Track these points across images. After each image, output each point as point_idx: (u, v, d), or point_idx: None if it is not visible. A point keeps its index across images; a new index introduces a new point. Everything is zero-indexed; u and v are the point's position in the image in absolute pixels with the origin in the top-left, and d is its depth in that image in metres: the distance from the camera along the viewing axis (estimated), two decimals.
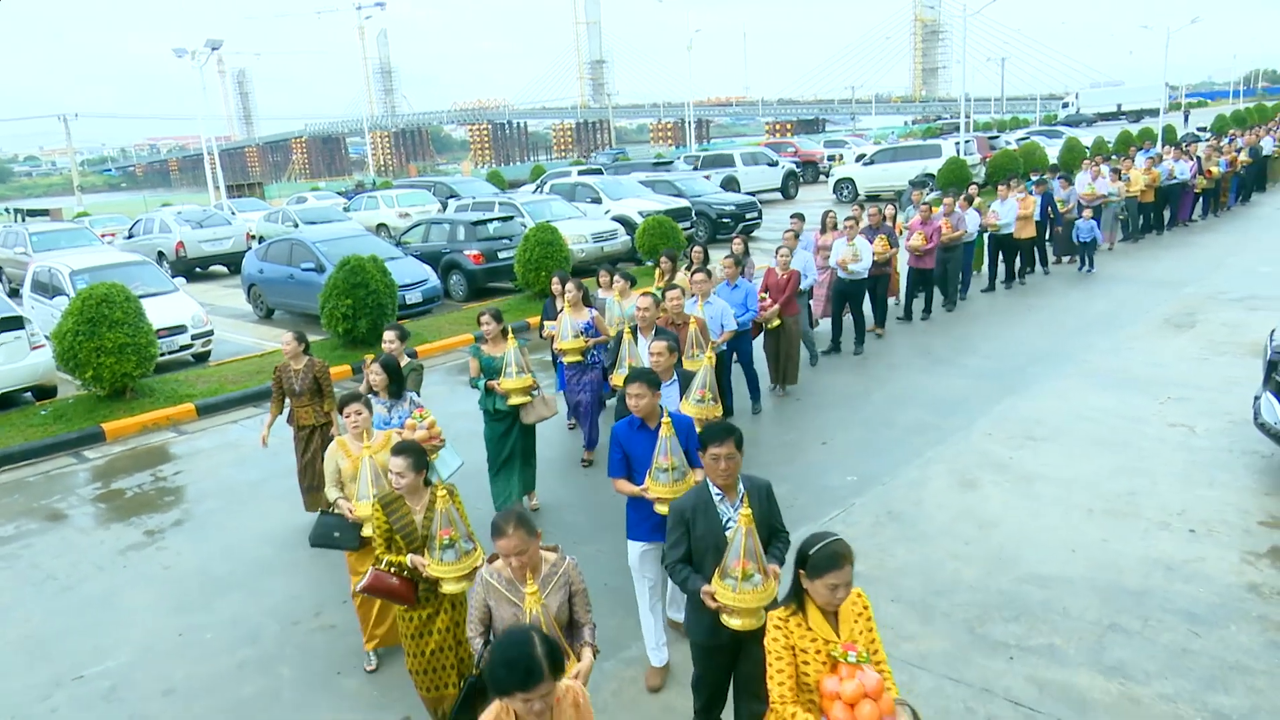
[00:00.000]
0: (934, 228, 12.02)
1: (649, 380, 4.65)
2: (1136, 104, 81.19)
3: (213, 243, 21.15)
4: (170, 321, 11.85)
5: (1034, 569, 5.71)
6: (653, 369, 5.38)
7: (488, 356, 6.72)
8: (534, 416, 6.73)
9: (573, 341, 7.59)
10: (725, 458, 3.68)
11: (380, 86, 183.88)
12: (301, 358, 6.85)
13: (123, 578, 6.56)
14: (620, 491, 4.70)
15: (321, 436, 6.81)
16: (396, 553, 4.21)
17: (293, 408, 6.85)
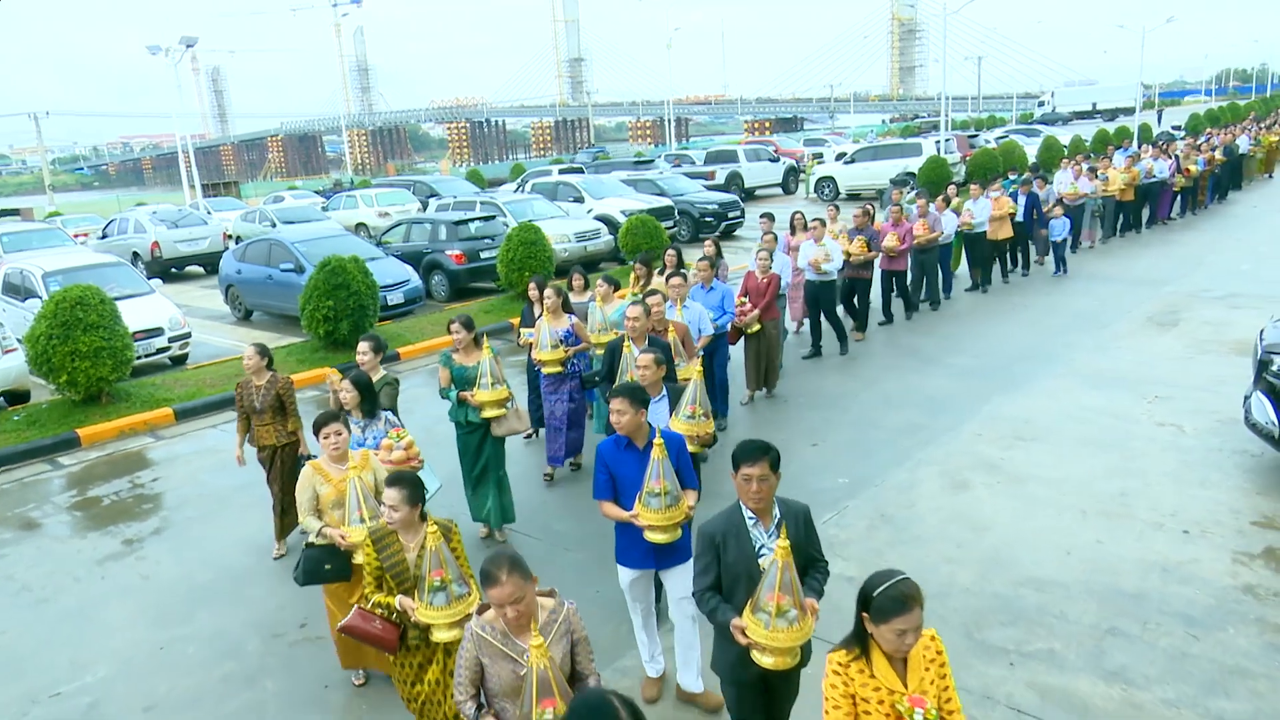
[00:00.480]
0: (906, 229, 11.86)
1: (633, 396, 4.33)
2: (1111, 103, 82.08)
3: (189, 243, 20.83)
4: (147, 324, 11.62)
5: (1029, 572, 5.67)
6: (639, 383, 5.09)
7: (459, 366, 6.38)
8: (505, 430, 6.44)
9: (552, 352, 7.28)
10: (758, 479, 3.37)
11: (357, 84, 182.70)
12: (264, 373, 6.45)
13: (100, 589, 6.39)
14: (607, 516, 4.44)
15: (284, 457, 6.46)
16: (386, 593, 3.89)
17: (254, 425, 6.45)
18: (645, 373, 5.25)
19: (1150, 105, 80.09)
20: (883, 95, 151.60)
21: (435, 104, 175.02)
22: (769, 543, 3.42)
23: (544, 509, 7.22)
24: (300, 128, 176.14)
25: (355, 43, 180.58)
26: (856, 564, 5.82)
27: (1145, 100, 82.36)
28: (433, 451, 8.15)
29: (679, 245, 10.34)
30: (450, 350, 6.50)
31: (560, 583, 5.91)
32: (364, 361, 6.15)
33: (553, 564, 6.25)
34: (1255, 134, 25.58)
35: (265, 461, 6.52)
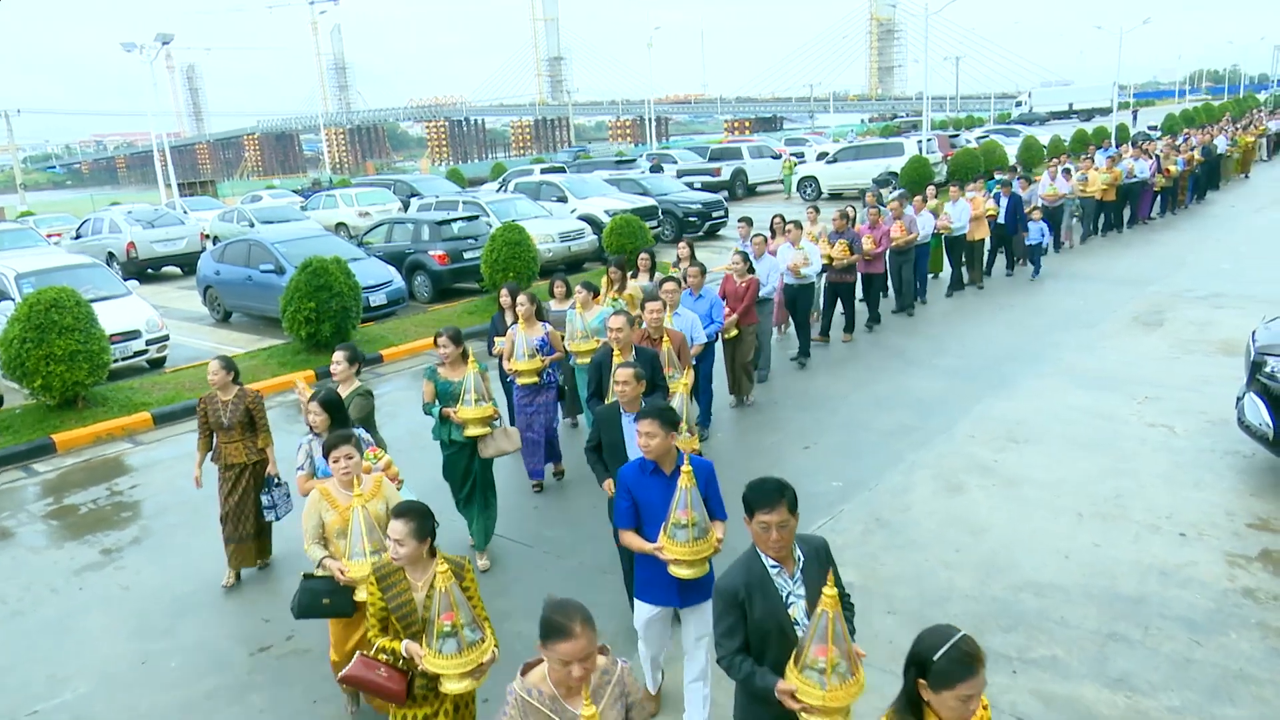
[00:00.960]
0: (882, 231, 11.70)
1: (664, 418, 4.00)
2: (1087, 103, 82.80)
3: (165, 243, 20.51)
4: (123, 327, 11.38)
5: (1028, 576, 5.62)
6: (621, 398, 4.85)
7: (444, 381, 6.06)
8: (493, 450, 6.08)
9: (528, 362, 6.95)
10: (777, 526, 3.05)
11: (334, 83, 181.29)
12: (230, 387, 6.14)
13: (79, 600, 6.21)
14: (628, 546, 4.16)
15: (254, 476, 6.15)
16: (392, 637, 3.54)
17: (219, 443, 6.12)
18: (625, 389, 4.85)
19: (1125, 106, 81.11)
20: (862, 95, 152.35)
21: (414, 103, 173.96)
22: (796, 590, 3.13)
23: (534, 515, 7.10)
24: (277, 126, 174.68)
25: (333, 40, 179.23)
26: (853, 569, 5.74)
27: (1120, 101, 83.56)
28: (417, 456, 8.09)
29: (652, 250, 10.01)
30: (436, 364, 6.21)
31: (556, 591, 5.79)
32: (338, 373, 5.87)
33: (546, 572, 6.14)
34: (1232, 134, 25.81)
35: (230, 480, 6.12)
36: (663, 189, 22.09)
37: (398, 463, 8.24)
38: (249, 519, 6.14)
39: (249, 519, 6.14)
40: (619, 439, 4.84)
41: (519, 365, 6.99)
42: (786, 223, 10.97)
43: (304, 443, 5.10)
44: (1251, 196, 22.49)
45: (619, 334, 5.95)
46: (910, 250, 12.46)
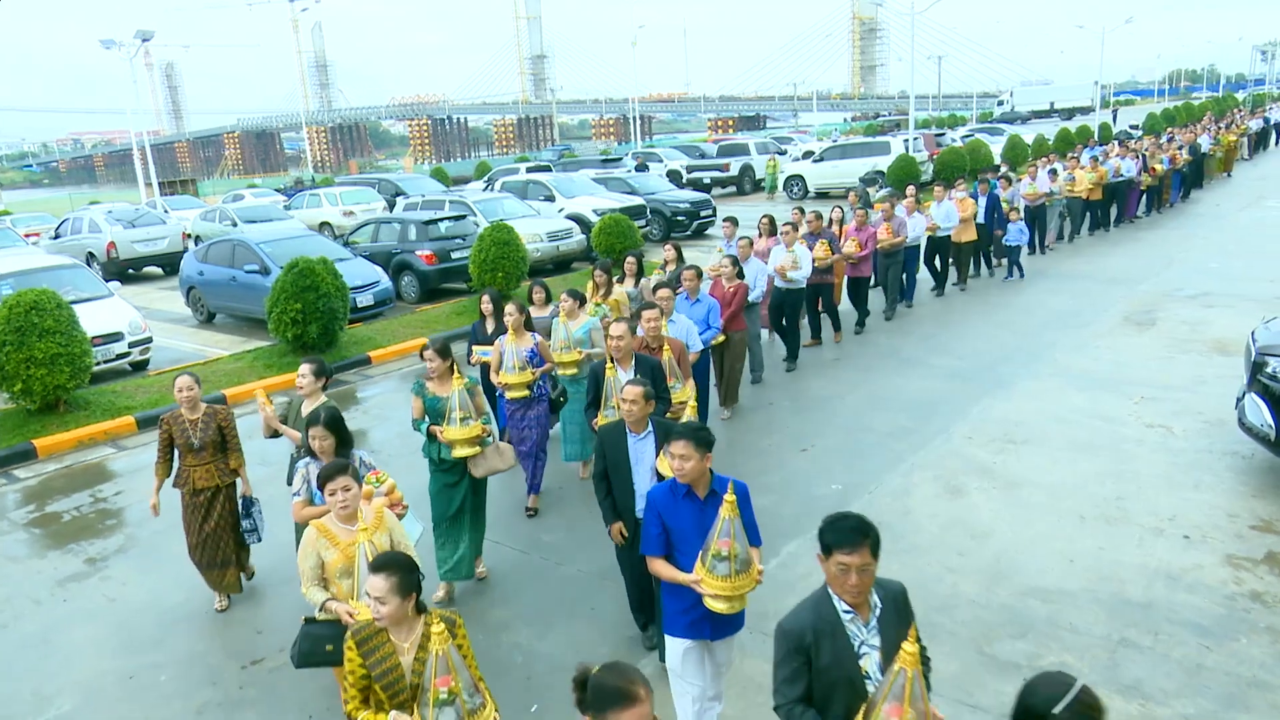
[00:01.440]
0: (869, 234, 11.38)
1: (699, 439, 3.70)
2: (1069, 102, 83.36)
3: (146, 243, 20.20)
4: (105, 329, 11.15)
5: (1033, 581, 5.56)
6: (628, 417, 4.57)
7: (433, 396, 5.68)
8: (485, 469, 5.70)
9: (518, 375, 6.62)
10: (858, 570, 2.80)
11: (315, 81, 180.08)
12: (199, 405, 5.67)
13: (63, 612, 6.03)
14: (659, 575, 3.89)
15: (228, 499, 5.73)
16: (375, 709, 3.14)
17: (185, 466, 5.60)
18: (632, 407, 4.56)
19: (1105, 105, 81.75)
20: (844, 94, 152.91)
21: (396, 101, 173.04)
22: (870, 639, 2.90)
23: (529, 520, 6.97)
24: (257, 124, 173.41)
25: (314, 38, 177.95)
26: None
27: (1101, 100, 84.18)
28: (409, 460, 7.92)
29: (639, 253, 9.69)
30: (423, 378, 5.84)
31: (556, 600, 5.73)
32: (304, 386, 5.44)
33: (544, 580, 6.03)
34: (1216, 133, 25.98)
35: (202, 506, 5.63)
36: (650, 188, 21.98)
37: (388, 468, 8.16)
38: (227, 544, 5.74)
39: (227, 544, 5.74)
40: (624, 459, 4.63)
41: (508, 378, 6.65)
42: (778, 225, 10.74)
43: (302, 466, 4.68)
44: (1235, 195, 22.64)
45: (620, 343, 5.71)
46: (899, 253, 12.25)
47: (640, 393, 4.55)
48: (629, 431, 4.64)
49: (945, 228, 13.09)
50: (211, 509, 5.67)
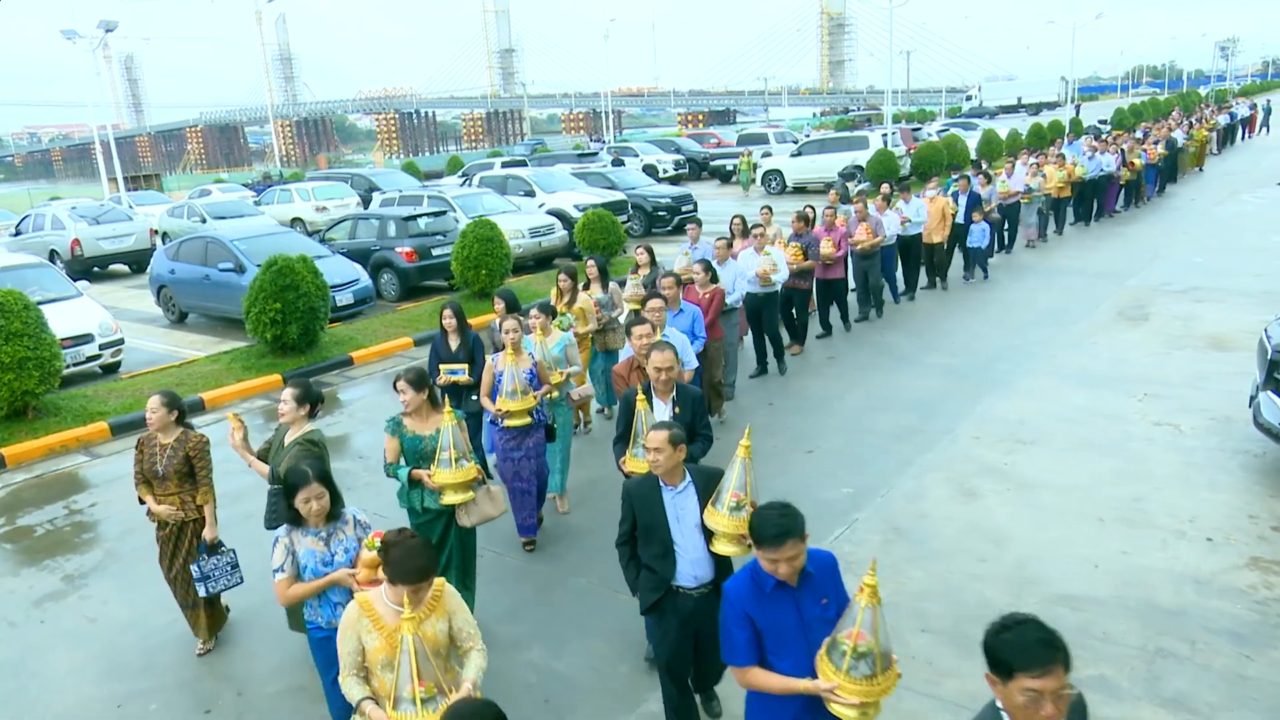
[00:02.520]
0: (840, 234, 10.76)
1: (799, 528, 2.99)
2: (1035, 97, 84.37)
3: (113, 240, 19.58)
4: (75, 330, 10.70)
5: (1060, 588, 5.40)
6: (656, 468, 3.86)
7: (412, 435, 4.94)
8: (477, 517, 4.98)
9: (520, 401, 5.86)
10: (1053, 696, 2.24)
11: (280, 74, 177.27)
12: (172, 429, 5.11)
13: (40, 635, 5.68)
14: (757, 686, 3.10)
15: (195, 537, 5.15)
16: None
17: (155, 495, 5.13)
18: (657, 457, 3.81)
19: (1073, 100, 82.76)
20: (813, 89, 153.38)
21: (363, 94, 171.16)
22: None
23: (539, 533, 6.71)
24: (220, 118, 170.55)
25: (278, 31, 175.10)
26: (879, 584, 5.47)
27: (1068, 95, 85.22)
28: None
29: (601, 259, 8.93)
30: (399, 416, 5.03)
31: (566, 615, 5.47)
32: (285, 414, 4.86)
33: (554, 592, 5.77)
34: (1189, 129, 26.21)
35: (166, 541, 5.16)
36: (630, 183, 21.73)
37: (374, 479, 7.84)
38: (192, 587, 5.19)
39: (192, 587, 5.19)
40: (659, 519, 3.88)
41: (509, 405, 5.86)
42: (749, 226, 10.14)
43: (281, 536, 3.87)
44: (1209, 189, 22.82)
45: (665, 374, 4.83)
46: (876, 254, 11.71)
47: (665, 438, 3.79)
48: (663, 485, 3.90)
49: (915, 223, 12.57)
50: (179, 546, 5.15)
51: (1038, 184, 16.19)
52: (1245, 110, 38.56)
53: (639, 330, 5.69)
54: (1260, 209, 19.28)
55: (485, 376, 6.24)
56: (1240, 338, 10.12)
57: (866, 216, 11.52)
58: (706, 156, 35.55)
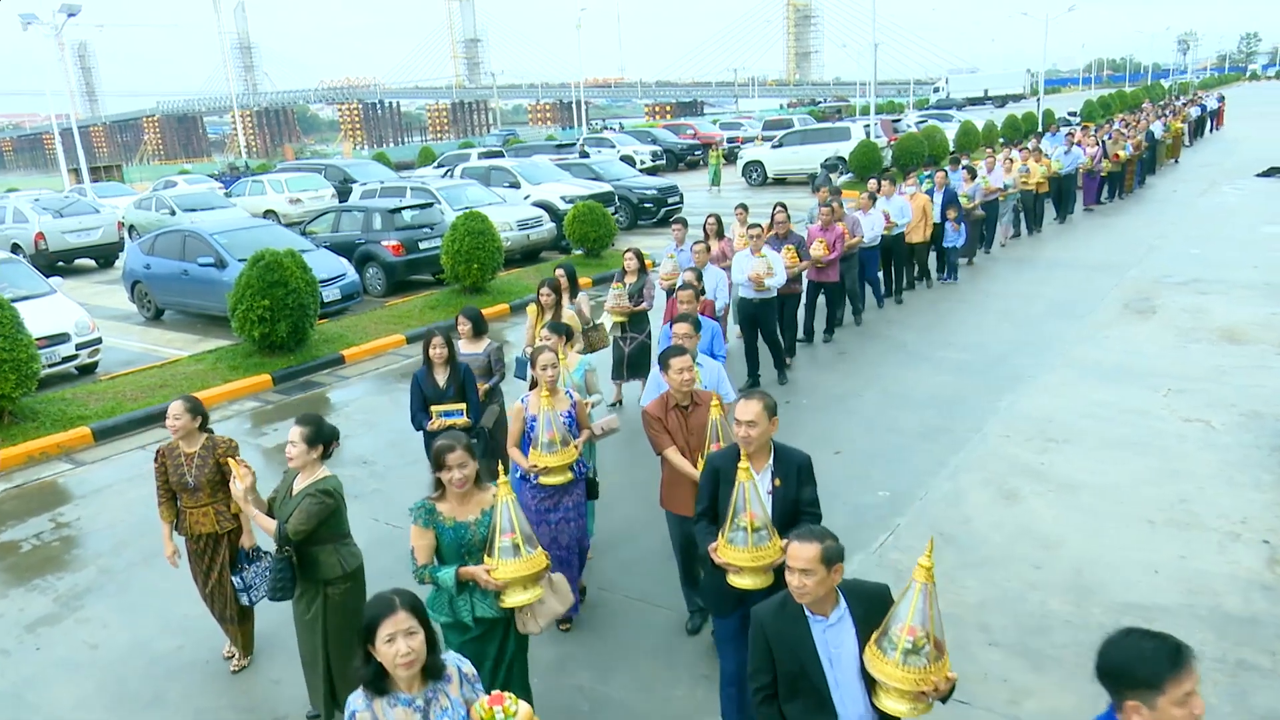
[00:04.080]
0: (836, 234, 10.03)
1: None
2: (1002, 89, 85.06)
3: (79, 233, 18.81)
4: (50, 329, 10.13)
5: (1123, 596, 5.19)
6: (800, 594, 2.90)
7: (453, 524, 3.67)
8: (546, 620, 3.81)
9: (561, 454, 4.71)
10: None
11: (239, 63, 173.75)
12: (196, 436, 4.76)
13: (38, 664, 5.24)
14: None
15: (231, 548, 4.81)
16: None
17: (183, 508, 4.77)
18: (805, 581, 2.87)
19: (1035, 93, 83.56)
20: (779, 80, 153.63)
21: (325, 84, 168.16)
22: None
23: None
24: (179, 108, 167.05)
25: (236, 19, 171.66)
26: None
27: (1031, 88, 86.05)
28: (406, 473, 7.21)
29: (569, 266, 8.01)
30: (430, 501, 3.73)
31: (609, 634, 5.03)
32: (294, 457, 4.11)
33: (598, 610, 5.42)
34: (1167, 121, 26.39)
35: (200, 555, 4.79)
36: (615, 174, 21.36)
37: (382, 485, 7.47)
38: (232, 602, 4.86)
39: (232, 602, 4.86)
40: (811, 664, 2.91)
41: (548, 460, 4.70)
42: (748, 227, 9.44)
43: (359, 711, 2.70)
44: (1188, 181, 22.95)
45: (753, 429, 3.67)
46: (854, 256, 10.89)
47: (816, 555, 2.81)
48: (810, 615, 2.93)
49: (900, 224, 11.90)
50: (214, 559, 4.81)
51: (1014, 180, 15.54)
52: (1213, 103, 39.03)
53: (678, 363, 4.58)
54: (1242, 200, 19.38)
55: (513, 424, 5.07)
56: (1252, 330, 10.05)
57: (843, 217, 10.60)
58: (684, 148, 35.32)
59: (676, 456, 4.58)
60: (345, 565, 4.15)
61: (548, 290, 7.21)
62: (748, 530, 3.48)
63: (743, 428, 3.69)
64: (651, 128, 41.19)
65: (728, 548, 3.54)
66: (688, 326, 5.54)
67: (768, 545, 3.50)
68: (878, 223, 11.37)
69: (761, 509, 3.50)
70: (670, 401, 4.65)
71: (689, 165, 34.56)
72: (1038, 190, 16.44)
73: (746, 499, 3.46)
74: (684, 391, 4.58)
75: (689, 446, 4.58)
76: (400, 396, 9.86)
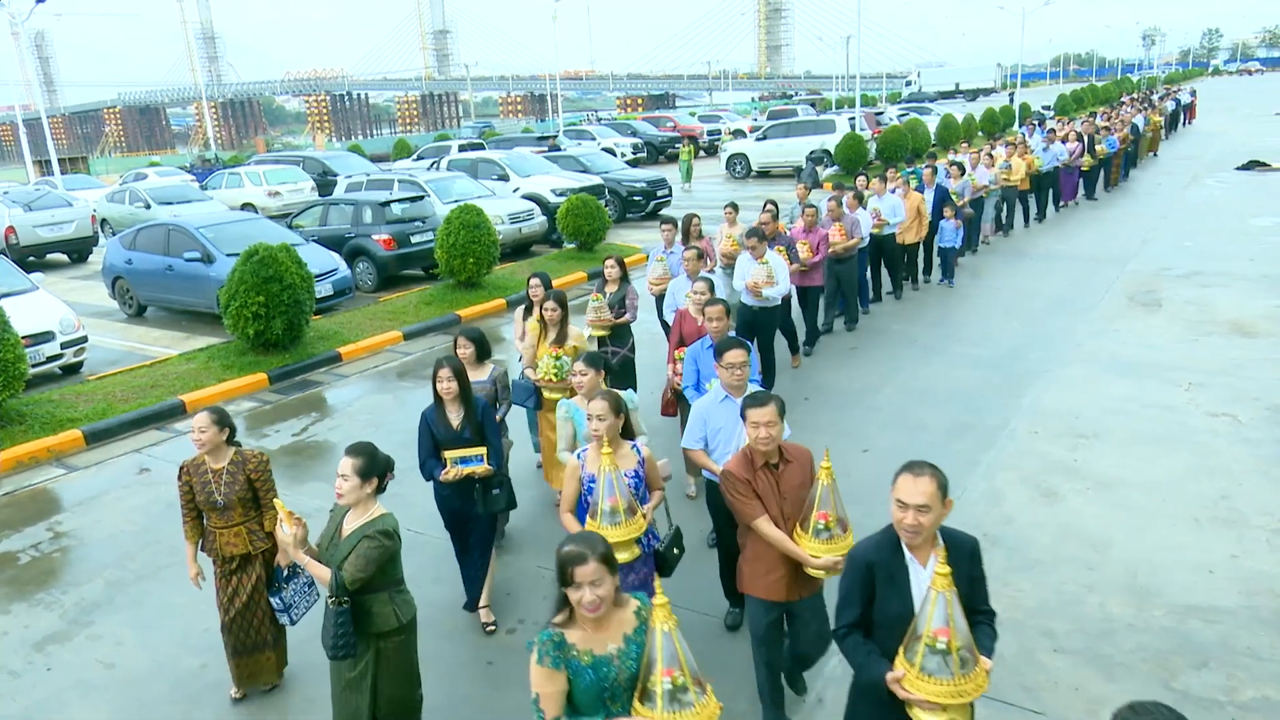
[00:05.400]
0: (820, 236, 9.53)
1: None
2: (973, 83, 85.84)
3: (51, 228, 18.19)
4: (35, 328, 9.71)
5: (1183, 598, 5.07)
6: None
7: (590, 660, 2.72)
8: None
9: (627, 526, 3.81)
10: None
11: (203, 54, 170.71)
12: (223, 450, 4.39)
13: (50, 687, 4.93)
14: None
15: (266, 568, 4.47)
16: None
17: (210, 528, 4.42)
18: None
19: (1005, 86, 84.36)
20: (750, 73, 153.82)
21: (291, 76, 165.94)
22: None
23: None
24: (140, 99, 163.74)
25: (199, 8, 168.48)
26: (992, 599, 5.07)
27: (1001, 82, 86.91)
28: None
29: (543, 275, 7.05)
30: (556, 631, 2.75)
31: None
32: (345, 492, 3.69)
33: None
34: (1148, 114, 26.59)
35: (229, 576, 4.45)
36: (603, 166, 21.09)
37: (399, 488, 7.15)
38: (264, 625, 4.54)
39: (264, 625, 4.54)
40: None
41: (614, 534, 3.74)
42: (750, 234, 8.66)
43: None
44: (1170, 174, 23.12)
45: (924, 515, 2.89)
46: (851, 257, 10.33)
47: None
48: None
49: (892, 224, 11.38)
50: (243, 580, 4.46)
51: (995, 176, 14.91)
52: (1187, 97, 39.50)
53: (760, 415, 3.74)
54: (1226, 193, 19.54)
55: (568, 486, 4.16)
56: (1260, 323, 10.05)
57: (841, 216, 10.13)
58: (664, 140, 35.08)
59: (770, 528, 3.78)
60: (400, 616, 3.69)
61: (554, 306, 6.30)
62: (948, 652, 2.64)
63: (910, 514, 2.88)
64: (630, 120, 40.88)
65: (921, 679, 2.68)
66: (742, 354, 4.61)
67: (972, 673, 2.69)
68: (866, 223, 10.82)
69: (963, 623, 2.67)
70: (756, 458, 3.85)
71: (669, 158, 34.31)
72: (1020, 187, 15.99)
73: (948, 616, 2.62)
74: (769, 446, 3.80)
75: (783, 515, 3.82)
76: (404, 394, 9.60)
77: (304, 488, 7.34)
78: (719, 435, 4.61)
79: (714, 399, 4.69)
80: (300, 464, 7.91)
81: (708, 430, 4.65)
